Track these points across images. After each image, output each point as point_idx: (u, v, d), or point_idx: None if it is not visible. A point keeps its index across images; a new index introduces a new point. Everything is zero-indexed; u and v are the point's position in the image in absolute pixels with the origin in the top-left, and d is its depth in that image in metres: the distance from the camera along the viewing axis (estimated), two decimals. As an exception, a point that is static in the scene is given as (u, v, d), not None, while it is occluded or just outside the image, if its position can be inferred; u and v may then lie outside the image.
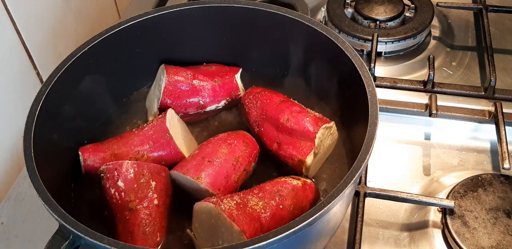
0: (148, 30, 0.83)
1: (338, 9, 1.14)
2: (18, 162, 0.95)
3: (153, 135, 0.78)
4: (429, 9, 1.12)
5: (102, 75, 0.82)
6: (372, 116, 0.68)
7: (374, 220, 0.84)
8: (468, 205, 0.80)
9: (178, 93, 0.84)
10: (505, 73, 1.05)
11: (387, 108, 0.97)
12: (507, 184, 0.82)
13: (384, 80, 1.01)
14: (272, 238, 0.56)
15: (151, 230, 0.70)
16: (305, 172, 0.77)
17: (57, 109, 0.75)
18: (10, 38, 0.90)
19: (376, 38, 1.04)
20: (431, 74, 0.97)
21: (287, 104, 0.80)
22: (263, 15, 0.82)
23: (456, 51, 1.11)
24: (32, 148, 0.66)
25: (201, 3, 0.83)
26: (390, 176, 0.89)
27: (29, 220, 0.86)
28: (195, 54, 0.90)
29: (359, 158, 0.63)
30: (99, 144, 0.79)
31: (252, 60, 0.89)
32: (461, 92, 0.98)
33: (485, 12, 1.12)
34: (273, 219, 0.68)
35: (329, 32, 0.78)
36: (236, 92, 0.87)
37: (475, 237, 0.76)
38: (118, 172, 0.72)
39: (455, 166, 0.91)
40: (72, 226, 0.59)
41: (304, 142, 0.76)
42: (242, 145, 0.77)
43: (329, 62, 0.80)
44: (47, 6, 0.98)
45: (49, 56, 1.00)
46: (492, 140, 0.93)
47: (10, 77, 0.91)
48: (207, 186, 0.72)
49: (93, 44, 0.78)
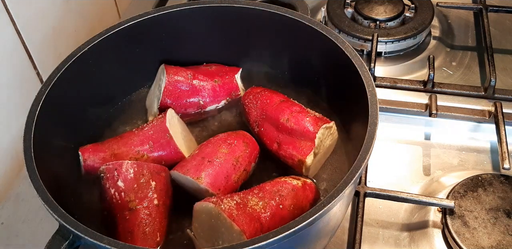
0: (148, 30, 0.83)
1: (338, 9, 1.14)
2: (18, 162, 0.95)
3: (153, 135, 0.78)
4: (429, 9, 1.12)
5: (102, 75, 0.82)
6: (372, 116, 0.68)
7: (374, 220, 0.84)
8: (468, 205, 0.80)
9: (178, 93, 0.84)
10: (505, 73, 1.05)
11: (387, 108, 0.97)
12: (507, 184, 0.82)
13: (384, 80, 1.01)
14: (272, 238, 0.56)
15: (151, 230, 0.70)
16: (305, 172, 0.76)
17: (57, 109, 0.75)
18: (10, 38, 0.90)
19: (376, 38, 1.04)
20: (431, 74, 0.97)
21: (287, 104, 0.80)
22: (263, 15, 0.82)
23: (456, 51, 1.11)
24: (32, 148, 0.66)
25: (201, 3, 0.83)
26: (390, 176, 0.89)
27: (29, 220, 0.86)
28: (195, 54, 0.90)
29: (359, 158, 0.63)
30: (99, 144, 0.79)
31: (252, 60, 0.89)
32: (461, 92, 0.98)
33: (485, 12, 1.12)
34: (273, 219, 0.68)
35: (329, 32, 0.78)
36: (236, 92, 0.87)
37: (475, 237, 0.76)
38: (118, 172, 0.72)
39: (455, 166, 0.91)
40: (72, 226, 0.59)
41: (304, 142, 0.76)
42: (242, 145, 0.77)
43: (329, 62, 0.80)
44: (47, 6, 0.98)
45: (49, 56, 1.00)
46: (492, 140, 0.93)
47: (10, 77, 0.91)
48: (207, 186, 0.72)
49: (93, 44, 0.78)
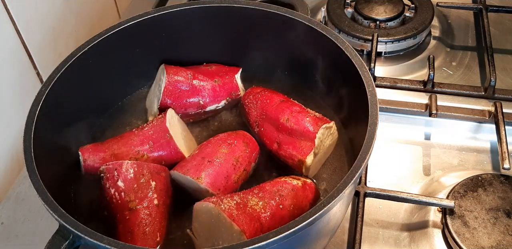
0: (148, 30, 0.83)
1: (338, 9, 1.14)
2: (18, 162, 0.95)
3: (153, 135, 0.78)
4: (429, 9, 1.12)
5: (102, 75, 0.82)
6: (372, 116, 0.68)
7: (374, 220, 0.84)
8: (468, 205, 0.80)
9: (178, 93, 0.84)
10: (505, 73, 1.05)
11: (387, 108, 0.97)
12: (507, 184, 0.82)
13: (384, 80, 1.00)
14: (272, 238, 0.56)
15: (151, 230, 0.70)
16: (305, 172, 0.76)
17: (57, 109, 0.75)
18: (10, 38, 0.90)
19: (376, 38, 1.04)
20: (431, 74, 0.97)
21: (287, 104, 0.80)
22: (263, 15, 0.82)
23: (456, 51, 1.11)
24: (32, 148, 0.66)
25: (201, 3, 0.83)
26: (390, 176, 0.89)
27: (29, 220, 0.86)
28: (195, 54, 0.90)
29: (359, 158, 0.63)
30: (99, 144, 0.79)
31: (252, 60, 0.89)
32: (461, 92, 0.98)
33: (485, 12, 1.12)
34: (273, 219, 0.68)
35: (329, 32, 0.78)
36: (236, 92, 0.87)
37: (475, 237, 0.76)
38: (118, 172, 0.72)
39: (455, 166, 0.91)
40: (72, 226, 0.59)
41: (304, 142, 0.76)
42: (242, 145, 0.77)
43: (329, 62, 0.80)
44: (47, 6, 0.98)
45: (49, 56, 1.00)
46: (492, 140, 0.93)
47: (10, 77, 0.91)
48: (207, 186, 0.72)
49: (93, 44, 0.78)
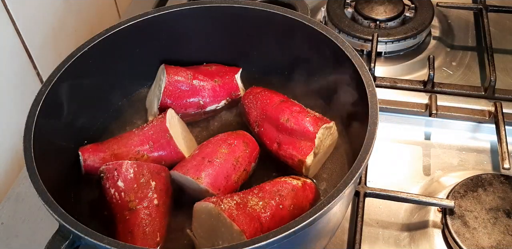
0: (148, 30, 0.83)
1: (338, 9, 1.14)
2: (18, 162, 0.95)
3: (153, 135, 0.78)
4: (429, 9, 1.12)
5: (102, 75, 0.82)
6: (372, 116, 0.68)
7: (374, 220, 0.84)
8: (468, 205, 0.80)
9: (178, 93, 0.84)
10: (505, 73, 1.05)
11: (387, 108, 0.97)
12: (507, 184, 0.82)
13: (384, 80, 1.00)
14: (272, 238, 0.56)
15: (151, 230, 0.70)
16: (305, 172, 0.76)
17: (57, 109, 0.75)
18: (10, 38, 0.90)
19: (376, 38, 1.04)
20: (431, 74, 0.97)
21: (287, 104, 0.80)
22: (263, 15, 0.82)
23: (456, 51, 1.11)
24: (32, 148, 0.66)
25: (201, 3, 0.83)
26: (390, 176, 0.89)
27: (29, 220, 0.86)
28: (195, 54, 0.90)
29: (359, 158, 0.63)
30: (99, 144, 0.79)
31: (252, 60, 0.89)
32: (461, 92, 0.98)
33: (485, 12, 1.12)
34: (273, 219, 0.68)
35: (329, 32, 0.78)
36: (236, 92, 0.87)
37: (475, 237, 0.76)
38: (118, 172, 0.72)
39: (455, 166, 0.91)
40: (72, 226, 0.59)
41: (304, 142, 0.76)
42: (242, 145, 0.77)
43: (329, 62, 0.80)
44: (47, 6, 0.98)
45: (49, 56, 1.00)
46: (492, 140, 0.93)
47: (10, 77, 0.91)
48: (207, 186, 0.72)
49: (93, 44, 0.78)
